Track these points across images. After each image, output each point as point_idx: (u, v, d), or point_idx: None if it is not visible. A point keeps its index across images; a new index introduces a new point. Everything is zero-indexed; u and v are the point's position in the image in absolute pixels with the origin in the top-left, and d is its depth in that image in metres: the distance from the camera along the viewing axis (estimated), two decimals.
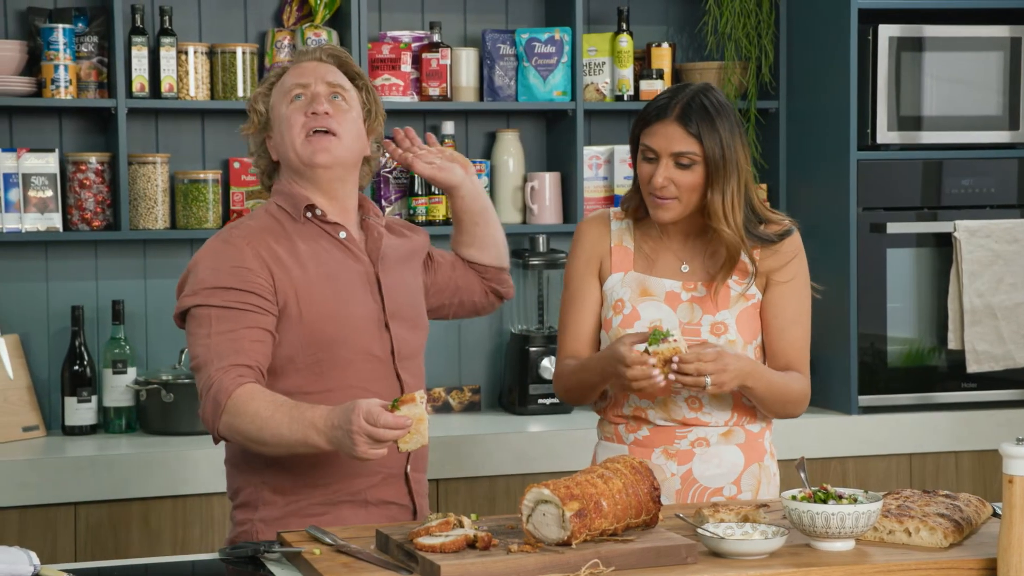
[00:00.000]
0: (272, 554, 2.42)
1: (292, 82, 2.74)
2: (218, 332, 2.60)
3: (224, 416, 2.54)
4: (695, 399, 2.81)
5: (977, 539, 2.45)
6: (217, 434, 2.58)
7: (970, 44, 4.23)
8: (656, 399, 2.81)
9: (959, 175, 4.24)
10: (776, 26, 4.42)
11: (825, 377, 4.27)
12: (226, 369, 2.56)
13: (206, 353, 2.59)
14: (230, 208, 4.14)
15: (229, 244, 2.67)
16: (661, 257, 2.86)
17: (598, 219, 2.93)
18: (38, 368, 4.06)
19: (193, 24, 4.19)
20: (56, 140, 4.09)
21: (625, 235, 2.89)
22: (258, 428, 2.51)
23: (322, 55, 2.79)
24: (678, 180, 2.75)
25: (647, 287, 2.83)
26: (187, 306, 2.65)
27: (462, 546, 2.26)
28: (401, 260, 2.85)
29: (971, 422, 4.21)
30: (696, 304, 2.81)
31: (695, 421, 2.82)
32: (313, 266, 2.69)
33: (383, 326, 2.74)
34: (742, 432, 2.85)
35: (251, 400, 2.53)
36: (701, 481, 2.82)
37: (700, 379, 2.64)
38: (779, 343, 2.85)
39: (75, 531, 3.62)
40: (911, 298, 4.26)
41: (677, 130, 2.74)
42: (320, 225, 2.74)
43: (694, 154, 2.74)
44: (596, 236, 2.90)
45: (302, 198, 2.74)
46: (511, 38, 4.30)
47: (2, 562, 2.23)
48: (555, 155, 4.43)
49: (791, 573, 2.25)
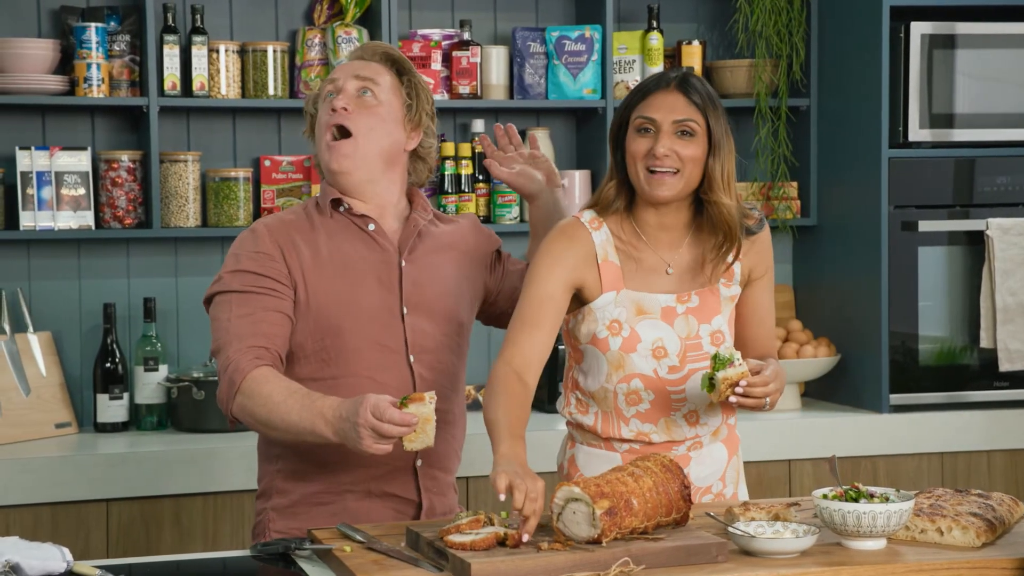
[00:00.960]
0: (303, 551, 2.42)
1: (326, 86, 2.74)
2: (238, 315, 2.62)
3: (238, 397, 2.56)
4: (693, 412, 2.76)
5: (1010, 539, 2.44)
6: (230, 414, 2.60)
7: (1002, 41, 4.21)
8: (659, 423, 2.74)
9: (991, 173, 4.22)
10: (807, 23, 4.41)
11: (856, 376, 4.25)
12: (244, 350, 2.57)
13: (225, 335, 2.62)
14: (261, 206, 4.16)
15: (253, 232, 2.72)
16: (646, 260, 2.73)
17: (577, 234, 2.71)
18: (70, 365, 4.09)
19: (224, 23, 4.21)
20: (88, 138, 4.11)
21: (608, 248, 2.72)
22: (268, 412, 2.52)
23: (364, 53, 2.77)
24: (680, 151, 2.64)
25: (642, 305, 2.72)
26: (211, 293, 2.69)
27: (492, 544, 2.26)
28: (438, 250, 2.81)
29: (1003, 421, 4.19)
30: (692, 316, 2.74)
31: (694, 436, 2.79)
32: (327, 253, 2.70)
33: (398, 316, 2.72)
34: (726, 428, 2.84)
35: (265, 383, 2.54)
36: (696, 482, 2.78)
37: (762, 401, 2.60)
38: (757, 333, 2.82)
39: (107, 528, 3.63)
40: (943, 296, 4.24)
41: (679, 99, 2.66)
42: (350, 218, 2.75)
43: (695, 123, 2.65)
44: (580, 256, 2.70)
45: (331, 192, 2.75)
46: (541, 36, 4.30)
47: (35, 558, 2.24)
48: (585, 153, 4.43)
49: (822, 572, 2.24)
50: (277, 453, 2.73)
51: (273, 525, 2.71)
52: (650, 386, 2.72)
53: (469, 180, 4.24)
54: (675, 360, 2.72)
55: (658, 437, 2.76)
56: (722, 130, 2.68)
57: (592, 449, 2.80)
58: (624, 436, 2.76)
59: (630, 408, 2.74)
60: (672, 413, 2.75)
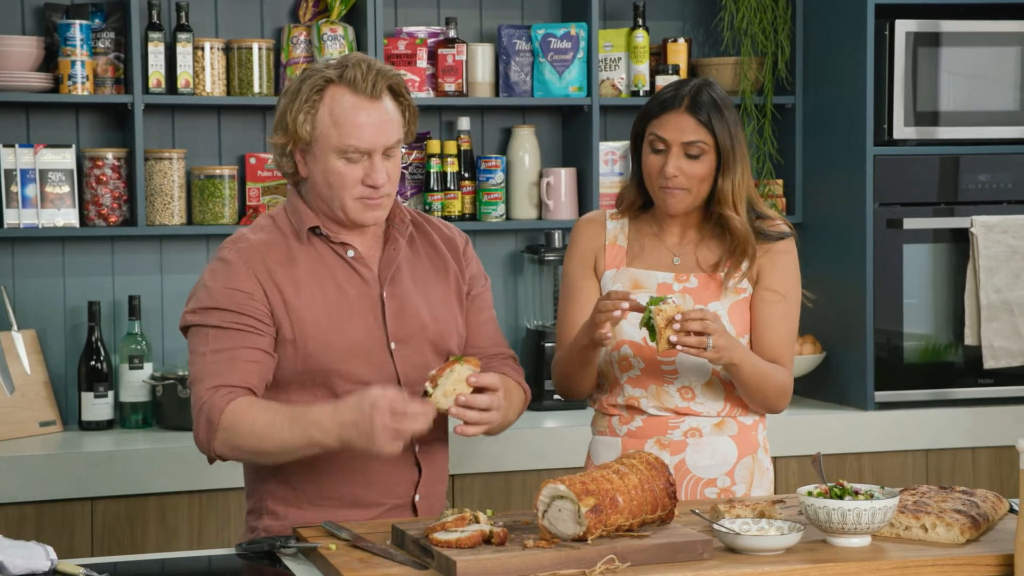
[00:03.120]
0: (288, 549, 2.42)
1: (349, 143, 2.59)
2: (214, 350, 2.57)
3: (219, 434, 2.51)
4: (688, 388, 2.83)
5: (994, 535, 2.45)
6: (213, 454, 2.55)
7: (987, 39, 4.22)
8: (648, 388, 2.83)
9: (976, 170, 4.23)
10: (792, 21, 4.41)
11: (841, 373, 4.26)
12: (216, 388, 2.53)
13: (200, 371, 2.57)
14: (246, 204, 4.15)
15: (228, 265, 2.62)
16: (654, 252, 2.90)
17: (594, 218, 2.97)
18: (55, 363, 4.07)
19: (209, 20, 4.20)
20: (73, 136, 4.10)
21: (619, 234, 2.93)
22: (258, 438, 2.50)
23: (372, 89, 2.60)
24: (688, 170, 2.80)
25: (639, 280, 2.87)
26: (187, 324, 2.64)
27: (478, 542, 2.26)
28: (421, 274, 2.74)
29: (988, 418, 4.20)
30: (688, 295, 2.84)
31: (687, 411, 2.84)
32: (309, 290, 2.63)
33: (387, 352, 2.67)
34: (735, 424, 2.87)
35: (246, 412, 2.51)
36: (694, 471, 2.83)
37: (703, 339, 2.64)
38: (765, 336, 2.86)
39: (92, 526, 3.63)
40: (927, 294, 4.25)
41: (688, 120, 2.79)
42: (328, 244, 2.68)
43: (704, 143, 2.79)
44: (592, 234, 2.94)
45: (308, 219, 2.66)
46: (527, 33, 4.29)
47: (20, 556, 2.24)
48: (571, 151, 4.43)
49: (807, 569, 2.24)
50: (268, 474, 2.68)
51: None
52: (639, 353, 2.83)
53: (455, 177, 4.24)
54: None
55: (647, 403, 2.85)
56: (731, 146, 2.81)
57: (600, 437, 2.93)
58: (618, 402, 2.88)
59: (623, 374, 2.87)
60: (664, 384, 2.84)
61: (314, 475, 2.64)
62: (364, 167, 2.60)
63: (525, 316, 4.39)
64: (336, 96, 2.60)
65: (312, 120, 2.61)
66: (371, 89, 2.60)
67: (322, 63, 2.66)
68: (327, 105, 2.60)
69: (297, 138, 2.62)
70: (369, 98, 2.60)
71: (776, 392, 2.84)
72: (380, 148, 2.61)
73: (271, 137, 2.67)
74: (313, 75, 2.62)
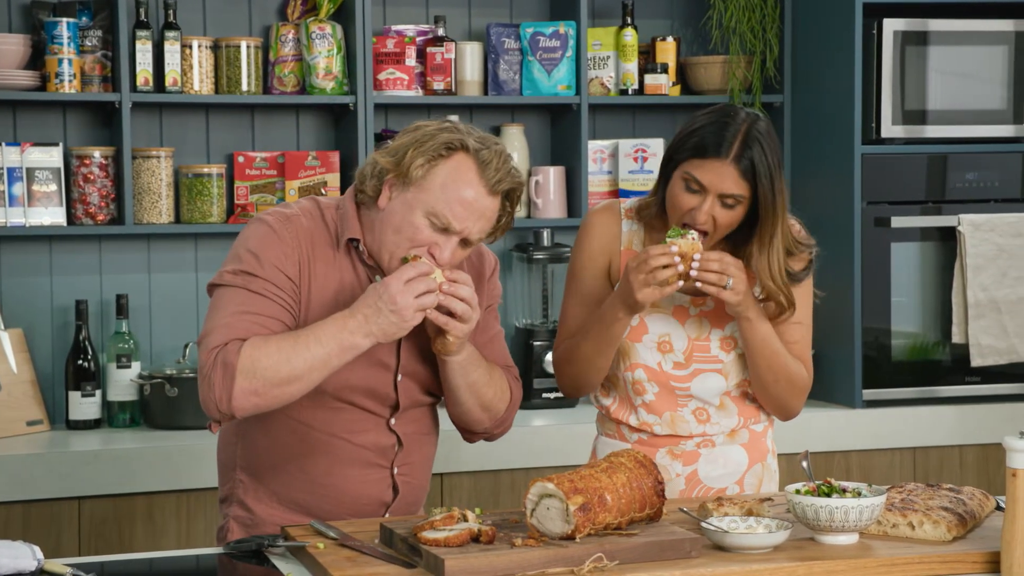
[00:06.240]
0: (276, 548, 2.42)
1: (444, 212, 2.51)
2: (244, 311, 2.51)
3: (240, 378, 2.44)
4: (702, 410, 2.79)
5: (980, 532, 2.45)
6: (232, 405, 2.46)
7: (975, 38, 4.23)
8: (663, 416, 2.78)
9: (963, 169, 4.24)
10: (781, 20, 4.42)
11: (829, 371, 4.27)
12: (230, 341, 2.47)
13: (217, 324, 2.50)
14: (234, 202, 4.14)
15: (281, 241, 2.57)
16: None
17: (609, 213, 2.82)
18: (42, 362, 4.07)
19: (197, 18, 4.19)
20: (60, 134, 4.09)
21: (635, 238, 2.80)
22: (286, 359, 2.43)
23: (498, 182, 2.54)
24: (719, 218, 2.65)
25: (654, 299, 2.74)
26: (224, 283, 2.56)
27: (466, 540, 2.26)
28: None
29: (975, 416, 4.21)
30: (705, 319, 2.77)
31: (702, 433, 2.80)
32: (332, 299, 2.58)
33: (391, 384, 2.64)
34: (747, 432, 2.84)
35: (265, 342, 2.46)
36: (706, 482, 2.81)
37: (723, 278, 2.59)
38: (781, 332, 2.78)
39: (79, 525, 3.62)
40: (915, 292, 4.26)
41: (732, 172, 2.61)
42: (360, 262, 2.62)
43: (743, 196, 2.64)
44: (608, 232, 2.80)
45: (353, 231, 2.60)
46: (515, 32, 4.29)
47: (6, 556, 2.23)
48: (559, 149, 4.43)
49: (795, 567, 2.25)
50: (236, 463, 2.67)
51: (236, 534, 2.66)
52: (653, 378, 2.77)
53: None
54: (680, 357, 2.76)
55: (661, 430, 2.80)
56: (772, 201, 2.65)
57: (608, 439, 2.87)
58: (631, 424, 2.81)
59: (637, 397, 2.79)
60: (679, 409, 2.78)
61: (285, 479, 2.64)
62: (438, 239, 2.54)
63: (514, 315, 4.38)
64: (462, 165, 2.54)
65: (427, 170, 2.53)
66: (494, 181, 2.54)
67: (466, 127, 2.60)
68: (449, 167, 2.54)
69: (401, 174, 2.54)
70: (488, 186, 2.54)
71: (788, 380, 2.75)
72: (465, 234, 2.55)
73: (378, 152, 2.59)
74: (455, 133, 2.57)
